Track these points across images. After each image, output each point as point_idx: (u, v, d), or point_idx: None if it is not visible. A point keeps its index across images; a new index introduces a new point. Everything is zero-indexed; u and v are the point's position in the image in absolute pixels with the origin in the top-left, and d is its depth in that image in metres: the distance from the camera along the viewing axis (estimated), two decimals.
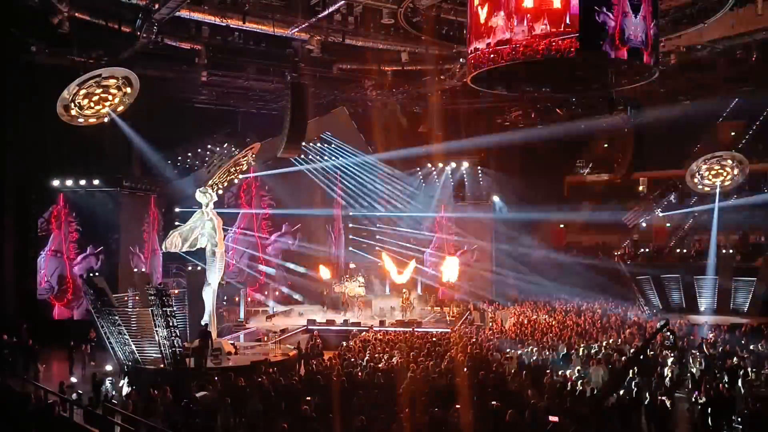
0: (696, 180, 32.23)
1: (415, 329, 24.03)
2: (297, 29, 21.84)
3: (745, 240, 33.43)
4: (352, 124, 34.70)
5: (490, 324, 25.68)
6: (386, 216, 36.73)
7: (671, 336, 16.26)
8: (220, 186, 26.04)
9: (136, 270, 26.26)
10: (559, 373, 16.08)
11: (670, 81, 27.00)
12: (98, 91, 20.58)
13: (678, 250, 33.18)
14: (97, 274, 23.96)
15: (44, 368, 19.23)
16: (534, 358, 17.80)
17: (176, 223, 26.79)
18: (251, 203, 32.97)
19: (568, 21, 14.23)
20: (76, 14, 19.80)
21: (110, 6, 20.11)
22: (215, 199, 24.73)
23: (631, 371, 14.79)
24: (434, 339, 21.40)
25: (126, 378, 17.57)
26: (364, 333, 23.85)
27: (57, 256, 25.64)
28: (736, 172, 31.54)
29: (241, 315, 28.70)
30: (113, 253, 26.09)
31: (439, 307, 31.31)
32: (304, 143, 27.75)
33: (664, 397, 13.93)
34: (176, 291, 24.21)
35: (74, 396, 14.57)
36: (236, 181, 28.91)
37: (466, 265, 33.68)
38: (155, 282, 23.78)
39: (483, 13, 15.36)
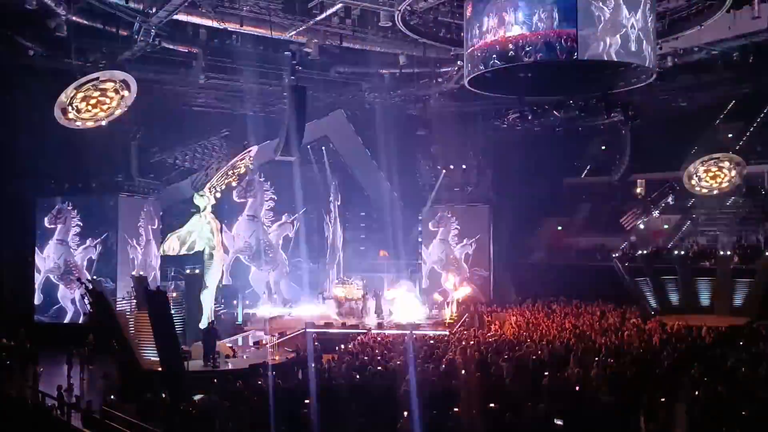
0: (693, 182, 32.24)
1: (414, 331, 24.01)
2: (295, 32, 21.87)
3: (743, 241, 33.46)
4: (349, 127, 34.73)
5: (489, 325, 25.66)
6: (384, 217, 36.70)
7: None
8: (218, 189, 26.11)
9: (134, 273, 26.28)
10: (558, 374, 16.07)
11: (668, 83, 27.05)
12: (96, 94, 20.56)
13: (676, 252, 33.18)
14: (95, 277, 23.96)
15: (42, 372, 19.18)
16: (532, 359, 17.78)
17: (174, 227, 26.87)
18: (256, 197, 33.37)
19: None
20: (74, 18, 19.80)
21: (108, 10, 20.11)
22: (213, 202, 24.82)
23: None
24: (432, 341, 21.40)
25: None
26: (362, 335, 23.83)
27: (62, 244, 26.39)
28: (733, 173, 31.59)
29: (239, 317, 28.66)
30: (113, 253, 26.30)
31: (437, 309, 31.24)
32: (302, 146, 27.75)
33: (663, 399, 13.93)
34: (174, 294, 24.23)
35: (73, 400, 14.56)
36: (234, 184, 29.02)
37: (464, 261, 33.87)
38: (153, 285, 23.77)
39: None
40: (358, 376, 15.89)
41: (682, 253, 32.35)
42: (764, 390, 14.41)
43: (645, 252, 32.98)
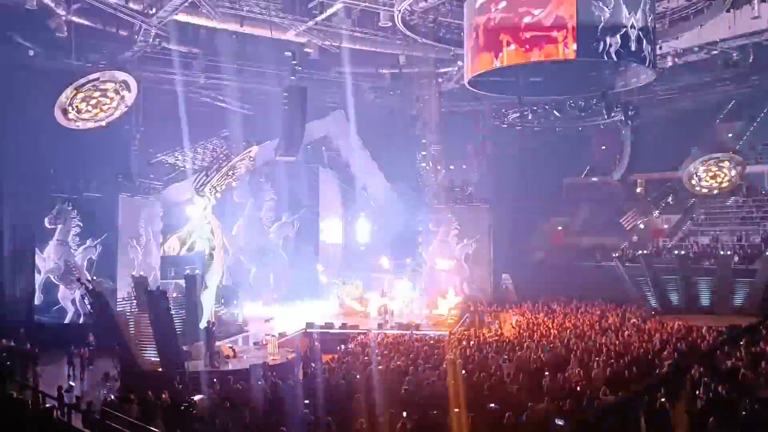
0: (693, 181, 32.26)
1: (414, 332, 24.03)
2: (295, 32, 21.89)
3: (743, 241, 33.48)
4: (349, 127, 34.76)
5: (490, 326, 25.68)
6: (384, 217, 36.74)
7: None
8: (218, 189, 26.11)
9: (134, 273, 26.29)
10: (558, 375, 16.06)
11: (668, 82, 27.07)
12: (96, 94, 20.58)
13: (676, 252, 33.24)
14: (95, 277, 23.97)
15: (42, 372, 19.18)
16: (533, 360, 17.77)
17: (174, 227, 26.87)
18: (256, 197, 33.45)
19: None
20: (74, 18, 19.82)
21: (108, 10, 20.12)
22: (213, 202, 24.81)
23: None
24: (432, 342, 21.40)
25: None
26: (362, 336, 23.82)
27: (63, 244, 26.35)
28: (733, 173, 31.61)
29: (240, 318, 28.66)
30: (113, 253, 26.33)
31: (437, 309, 31.26)
32: (302, 146, 27.77)
33: (663, 399, 13.92)
34: (175, 294, 24.23)
35: (73, 400, 14.55)
36: (234, 184, 29.04)
37: (464, 261, 33.88)
38: (153, 285, 23.77)
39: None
40: (357, 376, 15.89)
41: (682, 253, 32.37)
42: (765, 390, 14.43)
43: (645, 252, 33.01)
